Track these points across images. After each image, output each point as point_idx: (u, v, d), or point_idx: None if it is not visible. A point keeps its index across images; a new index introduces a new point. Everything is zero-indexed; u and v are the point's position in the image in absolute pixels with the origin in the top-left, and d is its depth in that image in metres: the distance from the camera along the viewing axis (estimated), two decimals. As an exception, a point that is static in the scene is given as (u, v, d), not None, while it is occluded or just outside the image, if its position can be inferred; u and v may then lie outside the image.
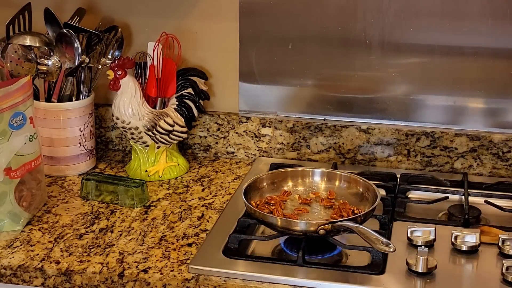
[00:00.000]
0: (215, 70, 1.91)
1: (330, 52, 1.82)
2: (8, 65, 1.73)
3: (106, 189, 1.67)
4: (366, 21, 1.78)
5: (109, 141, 1.99)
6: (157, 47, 1.78)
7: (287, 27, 1.82)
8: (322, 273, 1.38)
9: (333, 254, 1.46)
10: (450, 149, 1.81)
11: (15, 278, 1.42)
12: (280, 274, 1.37)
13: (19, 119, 1.53)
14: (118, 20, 1.90)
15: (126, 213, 1.62)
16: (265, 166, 1.85)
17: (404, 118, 1.83)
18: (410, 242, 1.46)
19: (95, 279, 1.39)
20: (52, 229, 1.55)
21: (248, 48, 1.86)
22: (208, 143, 1.94)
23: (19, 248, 1.48)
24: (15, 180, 1.53)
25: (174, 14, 1.88)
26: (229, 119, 1.91)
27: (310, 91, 1.87)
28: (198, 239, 1.51)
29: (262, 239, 1.49)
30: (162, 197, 1.71)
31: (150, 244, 1.49)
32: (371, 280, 1.36)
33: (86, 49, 1.80)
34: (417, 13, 1.75)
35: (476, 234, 1.45)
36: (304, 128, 1.87)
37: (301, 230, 1.42)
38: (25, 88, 1.54)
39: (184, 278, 1.37)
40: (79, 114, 1.79)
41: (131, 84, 1.74)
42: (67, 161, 1.80)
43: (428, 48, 1.77)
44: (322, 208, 1.56)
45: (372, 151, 1.85)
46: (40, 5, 1.81)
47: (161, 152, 1.81)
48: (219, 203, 1.68)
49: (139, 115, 1.75)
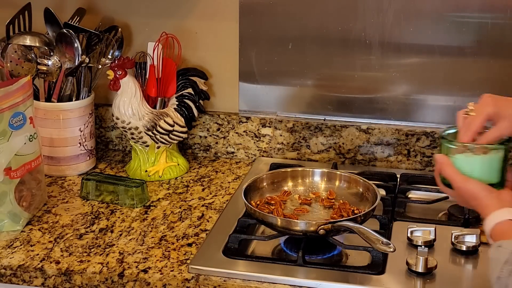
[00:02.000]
0: (215, 70, 1.91)
1: (330, 52, 1.82)
2: (8, 65, 1.73)
3: (106, 189, 1.67)
4: (366, 21, 1.78)
5: (109, 141, 1.99)
6: (157, 47, 1.78)
7: (287, 27, 1.82)
8: (322, 273, 1.38)
9: (333, 254, 1.46)
10: (450, 149, 1.81)
11: (15, 278, 1.42)
12: (280, 274, 1.37)
13: (19, 119, 1.53)
14: (118, 20, 1.90)
15: (126, 213, 1.62)
16: (265, 166, 1.85)
17: (404, 118, 1.83)
18: (410, 242, 1.46)
19: (95, 279, 1.39)
20: (52, 229, 1.55)
21: (248, 48, 1.86)
22: (208, 143, 1.94)
23: (19, 248, 1.48)
24: (15, 180, 1.53)
25: (174, 14, 1.88)
26: (229, 119, 1.91)
27: (310, 91, 1.87)
28: (198, 239, 1.51)
29: (262, 239, 1.49)
30: (162, 197, 1.71)
31: (150, 244, 1.49)
32: (371, 280, 1.36)
33: (86, 49, 1.80)
34: (417, 13, 1.75)
35: (476, 234, 1.45)
36: (304, 128, 1.87)
37: (301, 230, 1.42)
38: (25, 88, 1.54)
39: (184, 278, 1.37)
40: (79, 114, 1.79)
41: (131, 84, 1.74)
42: (67, 161, 1.80)
43: (428, 48, 1.77)
44: (322, 208, 1.56)
45: (372, 151, 1.85)
46: (40, 5, 1.81)
47: (161, 152, 1.81)
48: (219, 203, 1.68)
49: (139, 115, 1.75)
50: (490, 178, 1.33)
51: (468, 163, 1.33)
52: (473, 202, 1.31)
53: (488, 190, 1.29)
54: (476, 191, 1.29)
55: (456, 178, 1.32)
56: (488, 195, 1.28)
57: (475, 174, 1.32)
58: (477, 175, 1.32)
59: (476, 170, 1.33)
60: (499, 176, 1.34)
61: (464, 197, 1.33)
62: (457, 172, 1.32)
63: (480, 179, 1.31)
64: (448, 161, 1.33)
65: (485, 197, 1.28)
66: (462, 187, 1.31)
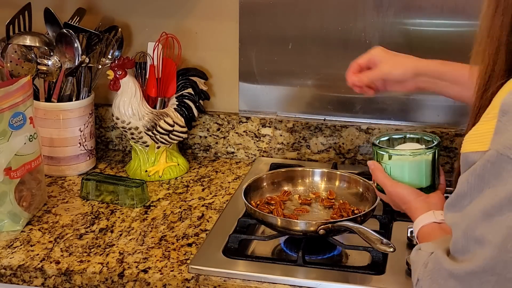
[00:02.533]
0: (215, 70, 1.91)
1: (330, 52, 1.82)
2: (8, 65, 1.73)
3: (106, 189, 1.67)
4: (366, 21, 1.78)
5: (109, 141, 1.99)
6: (157, 47, 1.78)
7: (287, 27, 1.82)
8: (322, 273, 1.38)
9: (333, 254, 1.46)
10: (450, 149, 1.81)
11: (15, 278, 1.42)
12: (280, 274, 1.37)
13: (19, 119, 1.53)
14: (118, 20, 1.90)
15: (126, 213, 1.62)
16: (265, 166, 1.85)
17: (404, 118, 1.83)
18: (410, 242, 1.46)
19: (95, 279, 1.39)
20: (52, 229, 1.55)
21: (248, 48, 1.86)
22: (208, 143, 1.94)
23: (19, 248, 1.48)
24: (15, 180, 1.53)
25: (174, 14, 1.88)
26: (229, 119, 1.91)
27: (310, 91, 1.87)
28: (198, 239, 1.51)
29: (262, 239, 1.49)
30: (162, 197, 1.71)
31: (150, 244, 1.49)
32: (371, 280, 1.36)
33: (86, 49, 1.80)
34: (417, 13, 1.75)
35: None
36: (304, 128, 1.87)
37: (301, 230, 1.42)
38: (25, 88, 1.54)
39: (184, 278, 1.37)
40: (79, 114, 1.79)
41: (131, 84, 1.75)
42: (67, 161, 1.80)
43: (428, 48, 1.76)
44: (322, 208, 1.56)
45: (372, 151, 1.85)
46: (40, 5, 1.81)
47: (161, 152, 1.81)
48: (219, 203, 1.68)
49: (139, 115, 1.75)
50: (419, 182, 1.37)
51: (398, 168, 1.38)
52: (403, 206, 1.35)
53: (416, 194, 1.33)
54: (405, 194, 1.34)
55: (387, 183, 1.37)
56: (416, 199, 1.32)
57: (405, 179, 1.37)
58: (407, 180, 1.37)
59: (406, 174, 1.37)
60: (429, 180, 1.38)
61: (395, 201, 1.37)
62: (388, 177, 1.37)
63: (410, 183, 1.36)
64: (379, 167, 1.39)
65: (413, 200, 1.32)
66: (392, 191, 1.36)
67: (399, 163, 1.37)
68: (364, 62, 1.53)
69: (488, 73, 1.08)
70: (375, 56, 1.52)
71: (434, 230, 1.24)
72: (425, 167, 1.37)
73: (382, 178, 1.38)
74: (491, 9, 1.08)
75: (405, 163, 1.37)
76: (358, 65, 1.53)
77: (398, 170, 1.38)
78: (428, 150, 1.38)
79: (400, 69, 1.48)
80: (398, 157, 1.38)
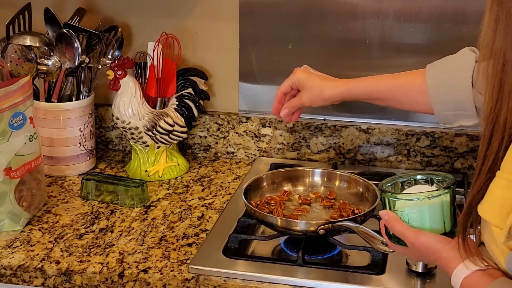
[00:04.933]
0: (215, 70, 1.91)
1: (330, 52, 1.82)
2: (8, 65, 1.73)
3: (106, 189, 1.67)
4: (366, 21, 1.78)
5: (109, 141, 1.99)
6: (157, 47, 1.78)
7: (287, 27, 1.82)
8: (322, 273, 1.38)
9: (333, 254, 1.46)
10: (450, 149, 1.81)
11: (15, 278, 1.42)
12: (280, 274, 1.37)
13: (19, 119, 1.53)
14: (118, 20, 1.90)
15: (126, 213, 1.62)
16: (265, 166, 1.85)
17: (404, 118, 1.83)
18: (410, 242, 1.46)
19: (95, 279, 1.39)
20: (52, 229, 1.55)
21: (248, 48, 1.86)
22: (208, 143, 1.94)
23: (19, 248, 1.48)
24: (15, 180, 1.53)
25: (174, 14, 1.88)
26: (229, 119, 1.91)
27: (310, 91, 1.87)
28: (198, 239, 1.51)
29: (262, 239, 1.49)
30: (162, 197, 1.71)
31: (150, 244, 1.49)
32: (371, 280, 1.36)
33: (86, 49, 1.80)
34: (417, 13, 1.75)
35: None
36: (304, 128, 1.87)
37: (301, 230, 1.42)
38: (25, 88, 1.54)
39: (184, 278, 1.37)
40: (79, 114, 1.79)
41: (131, 84, 1.75)
42: (67, 161, 1.80)
43: (428, 48, 1.76)
44: (322, 208, 1.56)
45: (372, 151, 1.85)
46: (40, 5, 1.81)
47: (161, 152, 1.81)
48: (219, 203, 1.68)
49: (139, 115, 1.75)
50: (442, 227, 1.21)
51: (416, 215, 1.20)
52: (432, 257, 1.18)
53: (445, 241, 1.17)
54: (432, 244, 1.17)
55: (408, 233, 1.19)
56: (445, 246, 1.16)
57: (426, 226, 1.20)
58: (429, 226, 1.20)
59: (427, 220, 1.20)
60: (450, 223, 1.22)
61: (421, 253, 1.20)
62: (407, 227, 1.20)
63: (432, 229, 1.20)
64: (394, 217, 1.21)
65: (442, 248, 1.16)
66: (416, 242, 1.18)
67: (417, 208, 1.20)
68: (287, 90, 1.54)
69: (495, 94, 1.01)
70: (296, 81, 1.53)
71: (482, 278, 1.09)
72: (444, 209, 1.21)
73: (401, 228, 1.19)
74: (490, 27, 1.03)
75: (423, 208, 1.20)
76: (282, 93, 1.54)
77: (417, 217, 1.20)
78: (445, 190, 1.21)
79: (322, 99, 1.51)
80: (414, 202, 1.20)
